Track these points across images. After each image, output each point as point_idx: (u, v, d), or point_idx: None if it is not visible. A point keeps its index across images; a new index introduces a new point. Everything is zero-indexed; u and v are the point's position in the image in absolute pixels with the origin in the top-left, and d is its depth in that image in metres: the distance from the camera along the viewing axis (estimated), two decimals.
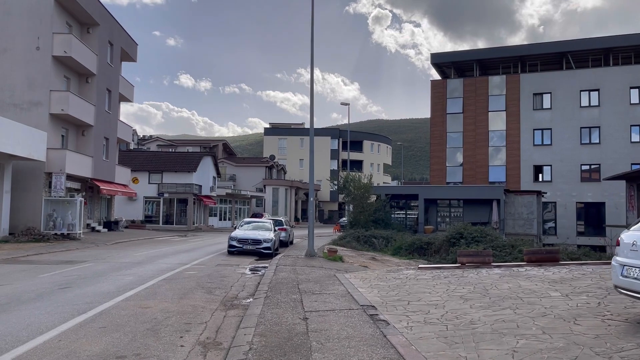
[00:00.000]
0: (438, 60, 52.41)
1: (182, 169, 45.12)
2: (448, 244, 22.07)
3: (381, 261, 21.79)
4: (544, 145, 46.63)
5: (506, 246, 20.68)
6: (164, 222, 45.22)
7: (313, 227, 20.25)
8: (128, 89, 36.34)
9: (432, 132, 51.32)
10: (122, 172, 36.36)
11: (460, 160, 49.68)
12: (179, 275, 13.74)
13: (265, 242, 20.82)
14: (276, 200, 65.83)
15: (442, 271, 13.21)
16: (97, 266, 15.73)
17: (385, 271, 14.05)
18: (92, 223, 32.84)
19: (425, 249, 24.30)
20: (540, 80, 47.42)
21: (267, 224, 23.40)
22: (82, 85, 29.98)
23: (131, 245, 25.70)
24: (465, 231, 22.03)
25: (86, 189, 31.59)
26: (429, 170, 53.11)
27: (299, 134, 79.53)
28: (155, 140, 67.56)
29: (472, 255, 13.68)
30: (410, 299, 9.31)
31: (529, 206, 37.75)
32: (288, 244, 27.00)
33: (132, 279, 12.75)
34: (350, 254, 22.61)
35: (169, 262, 17.15)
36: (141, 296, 10.30)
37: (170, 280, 12.79)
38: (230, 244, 20.98)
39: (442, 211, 40.35)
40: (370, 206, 34.46)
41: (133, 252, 21.41)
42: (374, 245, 28.30)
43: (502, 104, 48.57)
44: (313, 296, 10.12)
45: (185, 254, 20.72)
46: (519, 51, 49.79)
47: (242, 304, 10.05)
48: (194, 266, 16.22)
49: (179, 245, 26.60)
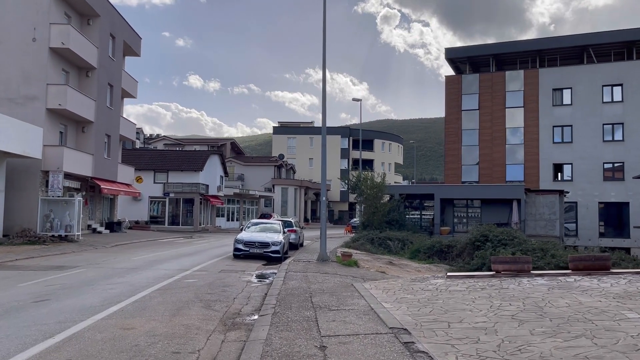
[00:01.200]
0: (452, 55, 50.54)
1: (189, 168, 43.66)
2: (472, 247, 20.34)
3: (399, 266, 20.13)
4: (564, 142, 44.67)
5: (536, 250, 18.93)
6: (170, 223, 43.79)
7: (326, 229, 18.63)
8: (131, 85, 34.94)
9: (446, 129, 49.50)
10: (126, 171, 34.96)
11: (476, 159, 47.81)
12: (176, 284, 12.18)
13: (273, 245, 19.24)
14: (285, 200, 64.28)
15: (476, 281, 11.53)
16: (88, 272, 14.22)
17: (409, 280, 12.39)
18: (94, 224, 31.45)
19: (446, 252, 22.61)
20: (560, 75, 45.45)
21: (275, 225, 21.81)
22: (81, 80, 28.57)
23: (132, 247, 24.23)
24: (490, 233, 20.29)
25: (87, 188, 30.20)
26: (444, 169, 51.29)
27: (308, 133, 77.93)
28: (162, 140, 66.25)
29: (508, 262, 11.99)
30: (450, 318, 7.65)
31: (550, 206, 35.86)
32: (298, 246, 25.41)
33: (122, 289, 11.20)
34: (365, 258, 20.98)
35: (168, 268, 15.61)
36: (127, 312, 8.73)
37: (165, 290, 11.23)
38: (236, 247, 19.42)
39: (458, 212, 38.57)
40: (384, 206, 32.77)
41: (132, 255, 19.92)
42: (389, 248, 26.64)
43: (520, 100, 46.64)
44: (330, 313, 8.50)
45: (188, 258, 19.18)
46: (537, 45, 47.82)
47: (245, 323, 8.46)
48: (195, 273, 14.66)
49: (183, 247, 25.10)
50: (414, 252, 23.91)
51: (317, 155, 75.74)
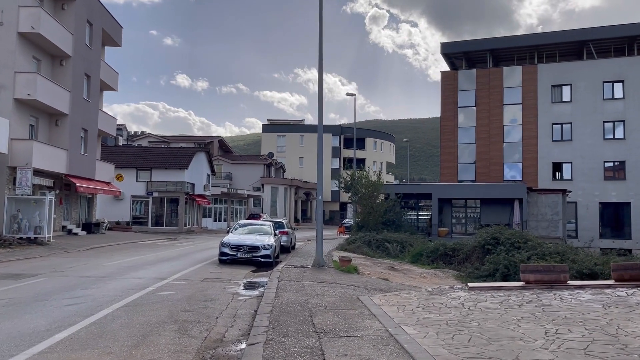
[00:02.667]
0: (448, 50, 48.87)
1: (173, 166, 41.49)
2: (481, 251, 18.57)
3: (402, 272, 18.31)
4: (564, 140, 43.25)
5: (553, 254, 17.21)
6: (154, 224, 41.59)
7: (322, 231, 16.75)
8: (111, 76, 32.75)
9: (442, 126, 47.86)
10: (105, 169, 32.75)
11: (473, 157, 46.22)
12: (148, 299, 10.21)
13: (264, 249, 17.30)
14: (275, 200, 62.25)
15: (506, 294, 9.70)
16: (48, 283, 12.19)
17: (425, 293, 10.53)
18: (69, 225, 29.24)
19: (451, 256, 20.82)
20: (560, 70, 44.01)
21: (265, 227, 19.86)
22: (55, 69, 26.38)
23: (108, 251, 22.14)
24: (502, 236, 18.52)
25: (61, 186, 28.01)
26: (439, 168, 49.62)
27: (298, 131, 76.00)
28: (147, 137, 63.86)
29: (541, 271, 10.19)
30: (500, 353, 5.79)
31: (553, 206, 34.30)
32: (290, 249, 23.49)
33: (80, 306, 9.22)
34: (365, 263, 19.12)
35: (143, 276, 13.61)
36: (77, 341, 6.77)
37: (133, 307, 9.26)
38: (221, 252, 17.44)
39: (457, 212, 36.89)
40: (380, 206, 30.94)
41: (106, 260, 17.88)
42: (387, 250, 24.83)
43: (518, 96, 45.15)
44: (338, 342, 6.61)
45: (167, 264, 17.17)
46: (535, 40, 46.36)
47: (229, 356, 6.54)
48: (173, 282, 12.68)
49: (165, 251, 23.05)
50: (416, 255, 22.11)
51: (307, 154, 73.84)
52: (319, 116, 17.02)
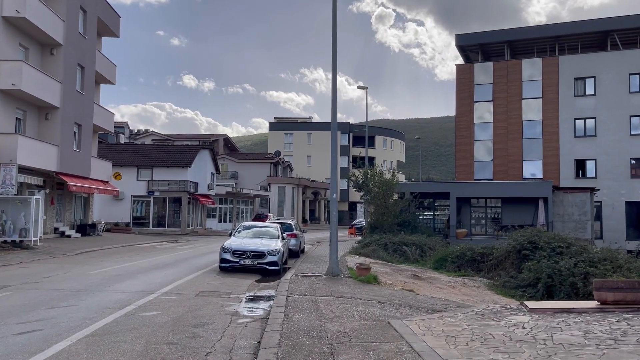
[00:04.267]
0: (463, 42, 46.53)
1: (175, 164, 39.45)
2: (517, 256, 16.33)
3: (427, 280, 16.13)
4: (587, 136, 40.88)
5: (602, 261, 14.97)
6: (155, 225, 39.60)
7: (337, 235, 14.62)
8: (108, 68, 30.77)
9: (457, 122, 45.56)
10: (102, 167, 30.78)
11: (491, 154, 43.91)
12: (123, 324, 8.10)
13: (270, 255, 15.19)
14: (282, 200, 60.14)
15: (584, 320, 7.51)
16: (10, 299, 10.13)
17: (475, 315, 8.36)
18: (62, 227, 27.29)
19: (479, 261, 18.60)
20: (582, 62, 41.61)
21: (272, 229, 17.74)
22: (45, 58, 24.41)
23: (99, 256, 20.12)
24: (540, 239, 16.27)
25: (53, 185, 26.05)
26: (454, 166, 47.33)
27: (306, 129, 73.87)
28: (150, 135, 61.89)
29: (623, 288, 8.00)
30: None
31: (581, 206, 31.95)
32: (299, 253, 21.38)
33: (31, 337, 7.13)
34: (383, 270, 16.97)
35: (127, 290, 11.54)
36: None
37: (100, 338, 7.16)
38: (222, 258, 15.35)
39: (476, 212, 34.60)
40: (395, 206, 28.75)
41: (93, 267, 15.85)
42: (405, 255, 22.66)
43: (538, 90, 42.79)
44: None
45: (161, 272, 15.10)
46: (556, 30, 43.91)
47: None
48: (161, 298, 10.58)
49: (161, 255, 21.01)
50: (439, 261, 19.91)
51: (315, 152, 71.71)
52: (333, 106, 14.91)
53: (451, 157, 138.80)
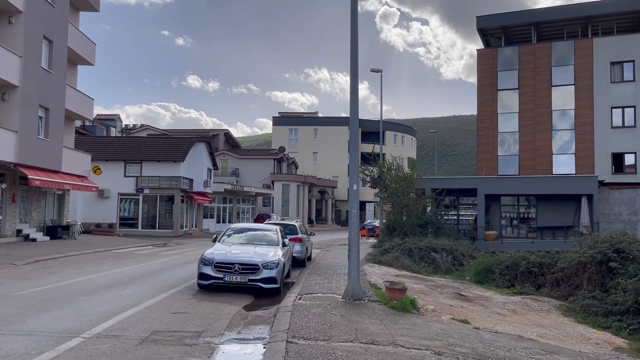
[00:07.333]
0: (484, 25, 42.27)
1: (167, 158, 35.43)
2: (597, 269, 12.12)
3: (477, 302, 11.98)
4: (626, 127, 36.73)
5: None
6: (145, 226, 35.60)
7: (359, 242, 10.52)
8: (86, 47, 26.77)
9: (479, 113, 41.36)
10: (78, 159, 26.81)
11: (516, 148, 39.70)
12: None
13: (266, 269, 11.11)
14: (286, 198, 56.02)
15: None
16: None
17: None
18: (27, 229, 23.30)
19: (537, 274, 14.42)
20: (620, 45, 37.38)
21: (270, 233, 13.60)
22: (1, 27, 20.44)
23: (57, 265, 16.10)
24: (631, 247, 12.05)
25: (15, 180, 22.08)
26: (476, 161, 43.07)
27: (312, 124, 69.77)
28: (145, 129, 57.90)
29: None
30: None
31: (630, 204, 27.72)
32: (305, 261, 17.23)
33: None
34: (416, 286, 12.84)
35: (43, 328, 7.48)
36: None
37: None
38: (201, 273, 11.27)
39: (506, 211, 30.39)
40: (417, 204, 24.60)
41: (30, 283, 11.85)
42: (435, 263, 18.51)
43: (570, 76, 38.60)
44: None
45: (116, 292, 11.02)
46: (589, 10, 39.49)
47: None
48: (81, 349, 6.50)
49: (136, 264, 16.97)
50: (482, 272, 15.75)
51: (322, 149, 67.61)
52: (352, 87, 10.84)
53: (458, 157, 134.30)
